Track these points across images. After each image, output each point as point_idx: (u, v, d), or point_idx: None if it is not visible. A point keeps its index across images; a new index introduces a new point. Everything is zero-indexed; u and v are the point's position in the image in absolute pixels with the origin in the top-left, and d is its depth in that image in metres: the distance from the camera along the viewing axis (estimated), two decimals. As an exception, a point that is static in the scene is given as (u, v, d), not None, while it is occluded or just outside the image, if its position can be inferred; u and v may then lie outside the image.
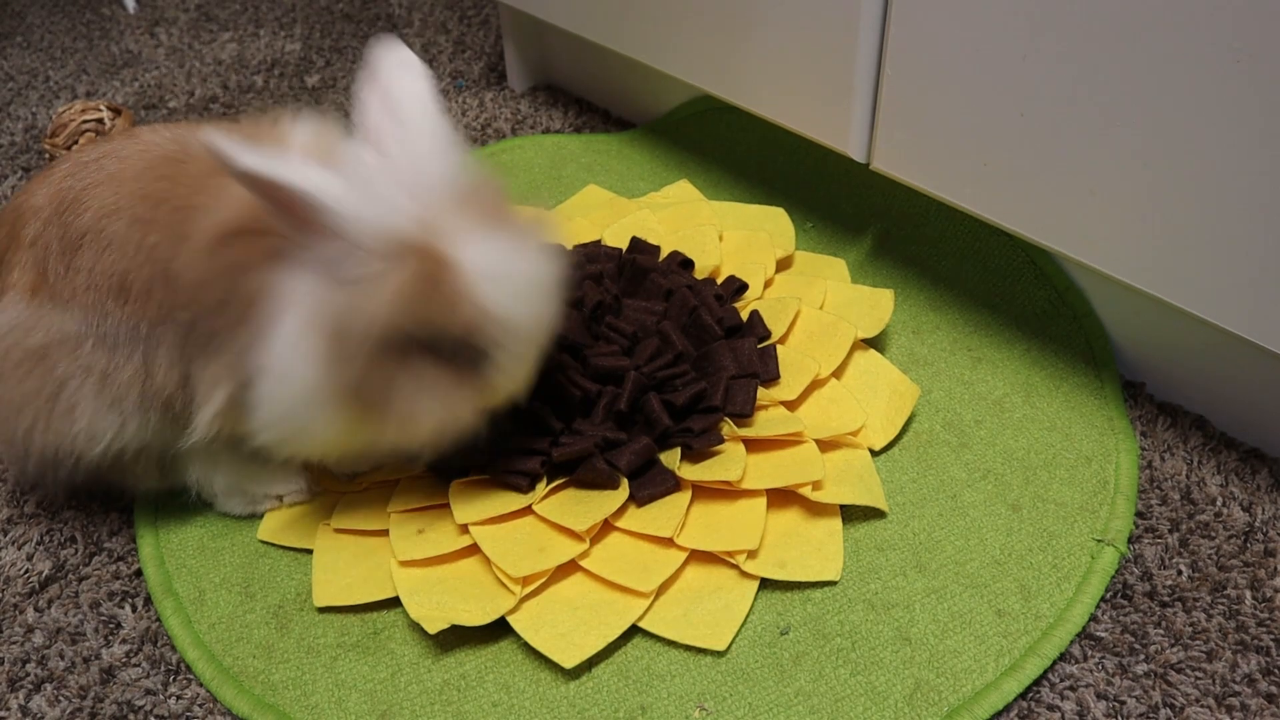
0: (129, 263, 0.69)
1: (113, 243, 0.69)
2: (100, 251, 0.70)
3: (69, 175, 0.73)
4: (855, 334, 0.92)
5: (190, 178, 0.69)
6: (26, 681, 0.73)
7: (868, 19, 0.88)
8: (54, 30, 1.80)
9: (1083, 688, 0.69)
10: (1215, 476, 0.83)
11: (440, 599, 0.74)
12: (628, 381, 0.82)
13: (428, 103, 0.68)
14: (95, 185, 0.70)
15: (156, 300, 0.69)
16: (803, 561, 0.76)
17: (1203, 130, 0.70)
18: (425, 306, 0.63)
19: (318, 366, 0.65)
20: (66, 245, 0.71)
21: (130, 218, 0.69)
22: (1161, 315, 0.90)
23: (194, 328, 0.69)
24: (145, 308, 0.70)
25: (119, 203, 0.69)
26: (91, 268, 0.70)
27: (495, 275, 0.64)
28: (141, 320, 0.70)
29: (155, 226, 0.68)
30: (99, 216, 0.70)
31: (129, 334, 0.71)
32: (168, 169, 0.70)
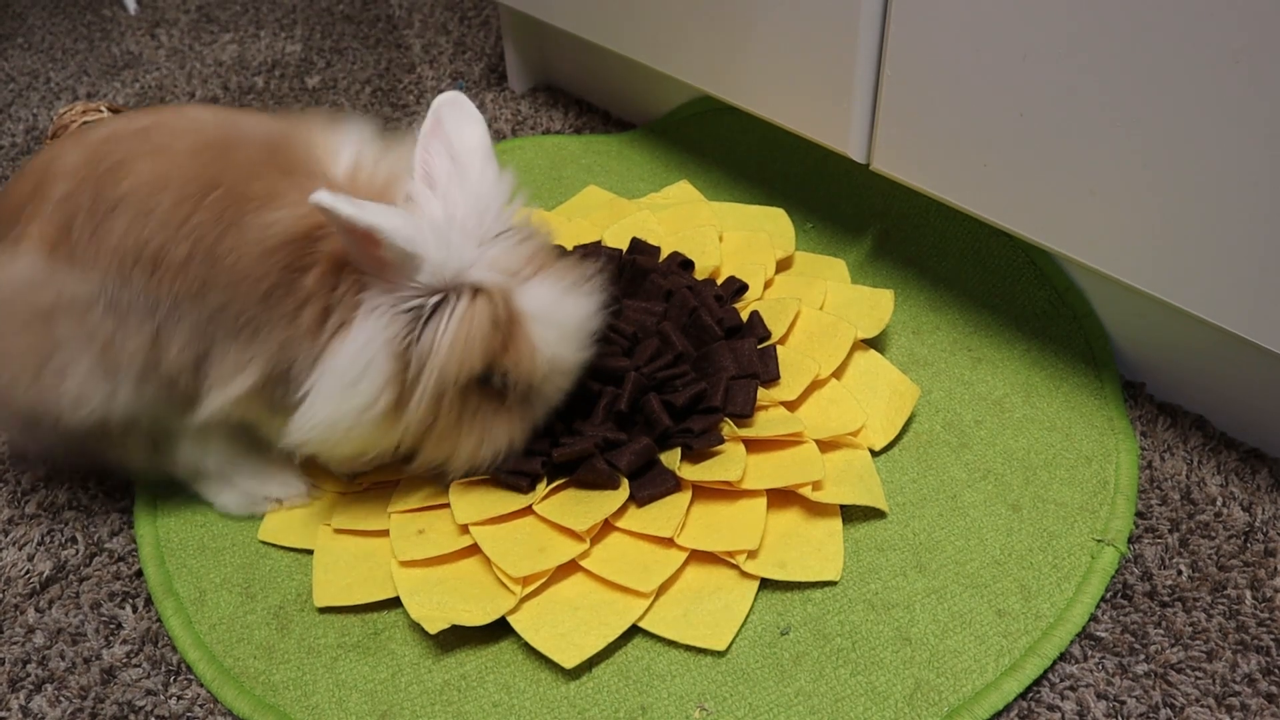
0: (167, 237, 0.69)
1: (153, 214, 0.69)
2: (136, 219, 0.69)
3: (109, 141, 0.72)
4: (855, 334, 0.92)
5: (241, 165, 0.70)
6: (27, 682, 0.73)
7: (867, 19, 0.88)
8: (55, 31, 1.80)
9: (1083, 688, 0.69)
10: (1215, 476, 0.83)
11: (440, 599, 0.74)
12: (628, 382, 0.82)
13: (487, 151, 0.74)
14: (141, 155, 0.70)
15: (190, 277, 0.70)
16: (803, 562, 0.76)
17: (1202, 131, 0.70)
18: (493, 350, 0.70)
19: (381, 387, 0.69)
20: (99, 208, 0.70)
21: (178, 194, 0.69)
22: (1162, 315, 0.90)
23: (225, 310, 0.70)
24: (175, 283, 0.70)
25: (168, 177, 0.69)
26: (123, 233, 0.70)
27: (551, 320, 0.72)
28: (166, 294, 0.71)
29: (204, 207, 0.69)
30: (141, 185, 0.69)
31: (147, 306, 0.71)
32: (219, 152, 0.71)
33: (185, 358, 0.72)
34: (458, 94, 0.76)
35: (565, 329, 0.73)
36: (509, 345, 0.71)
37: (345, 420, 0.70)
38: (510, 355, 0.71)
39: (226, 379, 0.72)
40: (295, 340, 0.70)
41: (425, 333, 0.69)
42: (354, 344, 0.69)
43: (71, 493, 0.88)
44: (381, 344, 0.69)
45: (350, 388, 0.69)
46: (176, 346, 0.72)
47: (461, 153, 0.73)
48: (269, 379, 0.72)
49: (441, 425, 0.73)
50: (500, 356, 0.71)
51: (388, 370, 0.69)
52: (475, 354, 0.69)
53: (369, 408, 0.70)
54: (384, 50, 1.65)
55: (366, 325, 0.69)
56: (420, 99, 1.49)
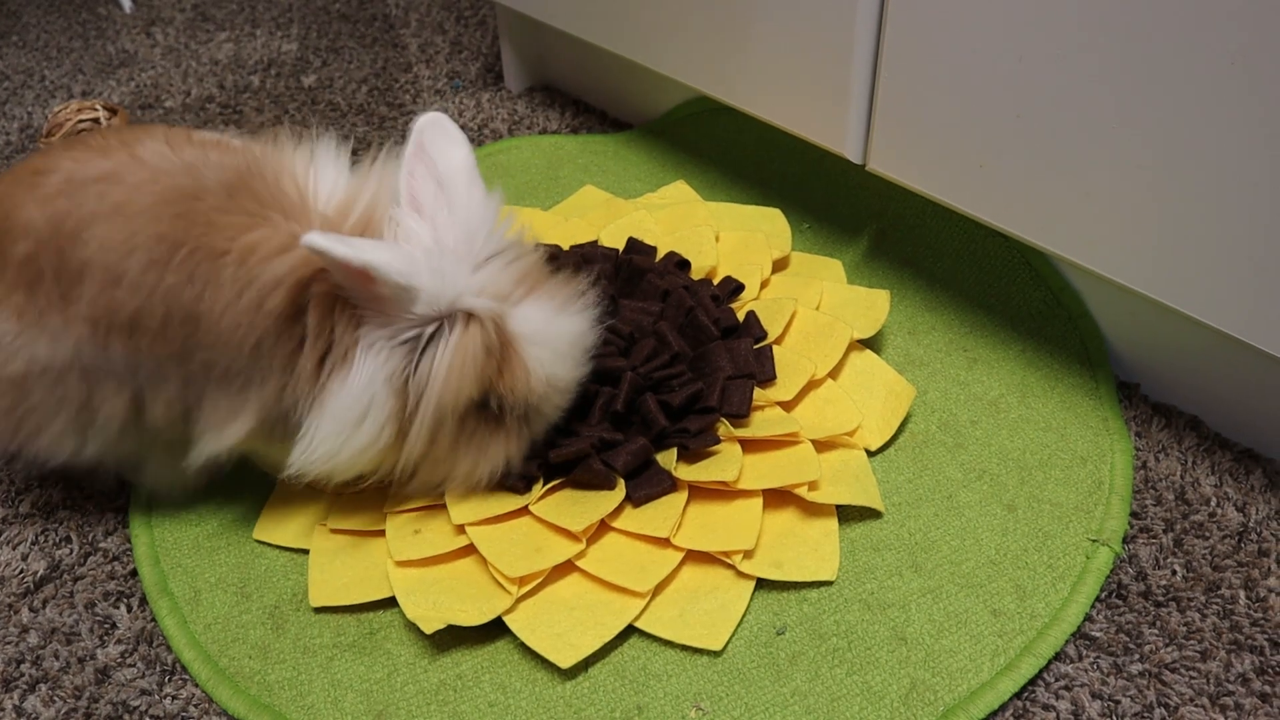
0: (141, 302, 0.68)
1: (122, 280, 0.67)
2: (107, 286, 0.68)
3: (65, 195, 0.69)
4: (851, 334, 0.92)
5: (207, 218, 0.68)
6: (21, 682, 0.73)
7: (864, 21, 0.88)
8: (50, 29, 1.79)
9: (1078, 687, 0.69)
10: (1210, 477, 0.84)
11: (436, 599, 0.74)
12: (624, 382, 0.82)
13: (472, 172, 0.73)
14: (99, 216, 0.68)
15: (170, 339, 0.69)
16: (799, 562, 0.76)
17: (1198, 132, 0.70)
18: (491, 375, 0.70)
19: (383, 423, 0.70)
20: (64, 274, 0.68)
21: (145, 258, 0.67)
22: (1157, 316, 0.90)
23: (213, 366, 0.70)
24: (155, 345, 0.69)
25: (131, 240, 0.67)
26: (94, 300, 0.68)
27: (544, 342, 0.72)
28: (147, 356, 0.70)
29: (173, 269, 0.67)
30: (105, 250, 0.67)
31: (127, 369, 0.71)
32: (182, 206, 0.68)
33: (173, 412, 0.73)
34: (438, 115, 0.75)
35: (559, 349, 0.74)
36: (503, 369, 0.71)
37: (347, 455, 0.70)
38: (505, 379, 0.71)
39: (221, 425, 0.72)
40: (294, 385, 0.70)
41: (422, 363, 0.69)
42: (355, 383, 0.69)
43: (66, 492, 0.87)
44: (382, 381, 0.69)
45: (354, 426, 0.69)
46: (162, 403, 0.72)
47: (447, 176, 0.72)
48: (267, 420, 0.72)
49: (439, 450, 0.73)
50: (495, 381, 0.71)
51: (389, 406, 0.70)
52: (470, 381, 0.69)
53: (372, 444, 0.71)
54: (380, 49, 1.65)
55: (366, 363, 0.69)
56: (417, 98, 1.49)
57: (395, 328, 0.69)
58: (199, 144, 0.73)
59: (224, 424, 0.71)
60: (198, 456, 0.73)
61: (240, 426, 0.71)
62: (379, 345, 0.69)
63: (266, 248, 0.67)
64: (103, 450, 0.75)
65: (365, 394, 0.69)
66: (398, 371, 0.69)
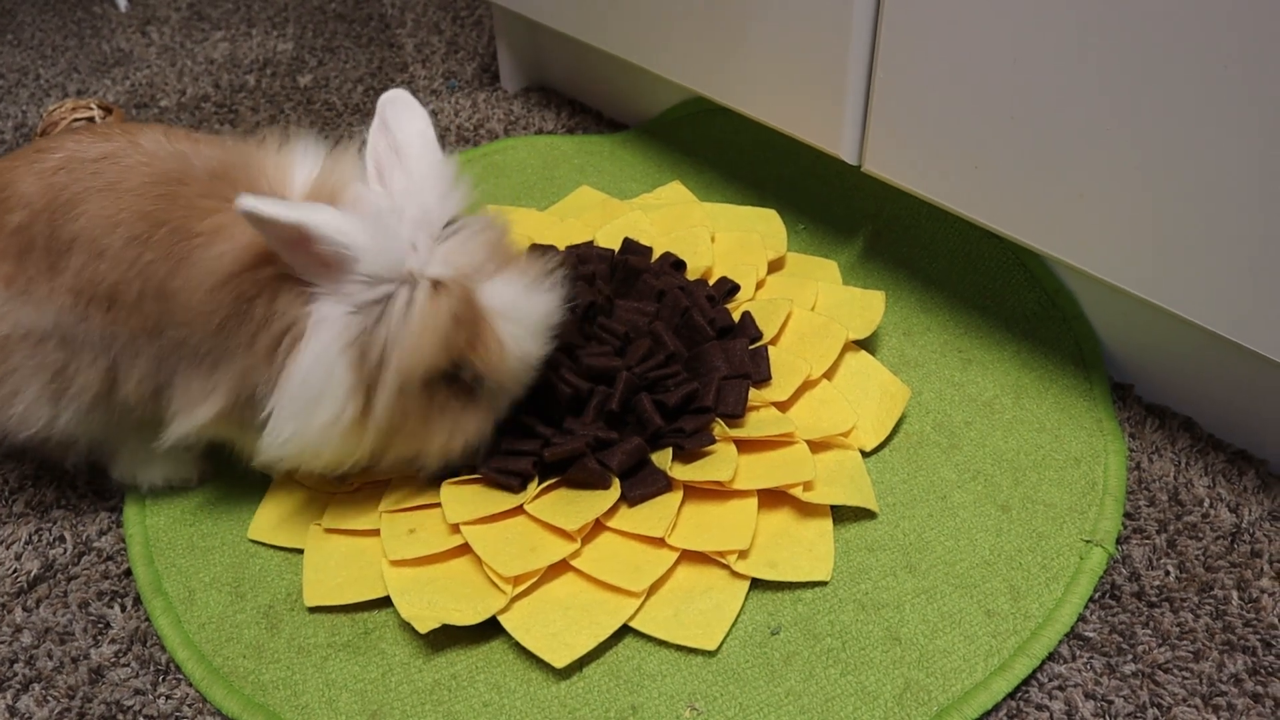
0: (120, 275, 0.70)
1: (105, 253, 0.70)
2: (91, 259, 0.70)
3: (64, 170, 0.72)
4: (846, 335, 0.92)
5: (188, 200, 0.70)
6: (14, 681, 0.72)
7: (860, 22, 0.88)
8: (45, 28, 1.79)
9: (1071, 687, 0.69)
10: (1203, 478, 0.84)
11: (431, 598, 0.74)
12: (619, 381, 0.82)
13: (427, 139, 0.74)
14: (92, 191, 0.70)
15: (145, 314, 0.71)
16: (794, 562, 0.76)
17: (1192, 134, 0.71)
18: (458, 346, 0.70)
19: (344, 398, 0.69)
20: (54, 245, 0.71)
21: (128, 234, 0.70)
22: (1150, 318, 0.90)
23: (184, 344, 0.71)
24: (130, 319, 0.71)
25: (117, 216, 0.70)
26: (79, 271, 0.71)
27: (519, 319, 0.72)
28: (123, 330, 0.72)
29: (152, 246, 0.69)
30: (94, 224, 0.70)
31: (103, 341, 0.72)
32: (167, 188, 0.70)
33: (145, 389, 0.74)
34: (400, 91, 0.76)
35: (532, 325, 0.73)
36: (475, 342, 0.70)
37: (312, 435, 0.70)
38: (479, 351, 0.71)
39: (192, 406, 0.73)
40: (255, 367, 0.70)
41: (379, 329, 0.68)
42: (309, 358, 0.68)
43: (60, 491, 0.87)
44: (337, 353, 0.69)
45: (313, 404, 0.69)
46: (135, 379, 0.73)
47: (402, 144, 0.73)
48: (236, 403, 0.72)
49: (411, 423, 0.73)
50: (467, 353, 0.71)
51: (348, 380, 0.69)
52: (438, 347, 0.69)
53: (335, 420, 0.70)
54: (376, 49, 1.65)
55: (319, 336, 0.68)
56: (412, 98, 1.48)
57: (346, 296, 0.68)
58: (194, 139, 0.75)
59: (195, 404, 0.72)
60: (169, 437, 0.74)
61: (209, 409, 0.72)
62: (331, 319, 0.68)
63: (232, 231, 0.69)
64: (75, 423, 0.76)
65: (320, 368, 0.68)
66: (354, 342, 0.69)
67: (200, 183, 0.71)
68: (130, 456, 0.83)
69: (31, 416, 0.75)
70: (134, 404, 0.75)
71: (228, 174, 0.71)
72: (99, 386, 0.74)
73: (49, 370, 0.73)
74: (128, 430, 0.79)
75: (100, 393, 0.74)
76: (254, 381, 0.71)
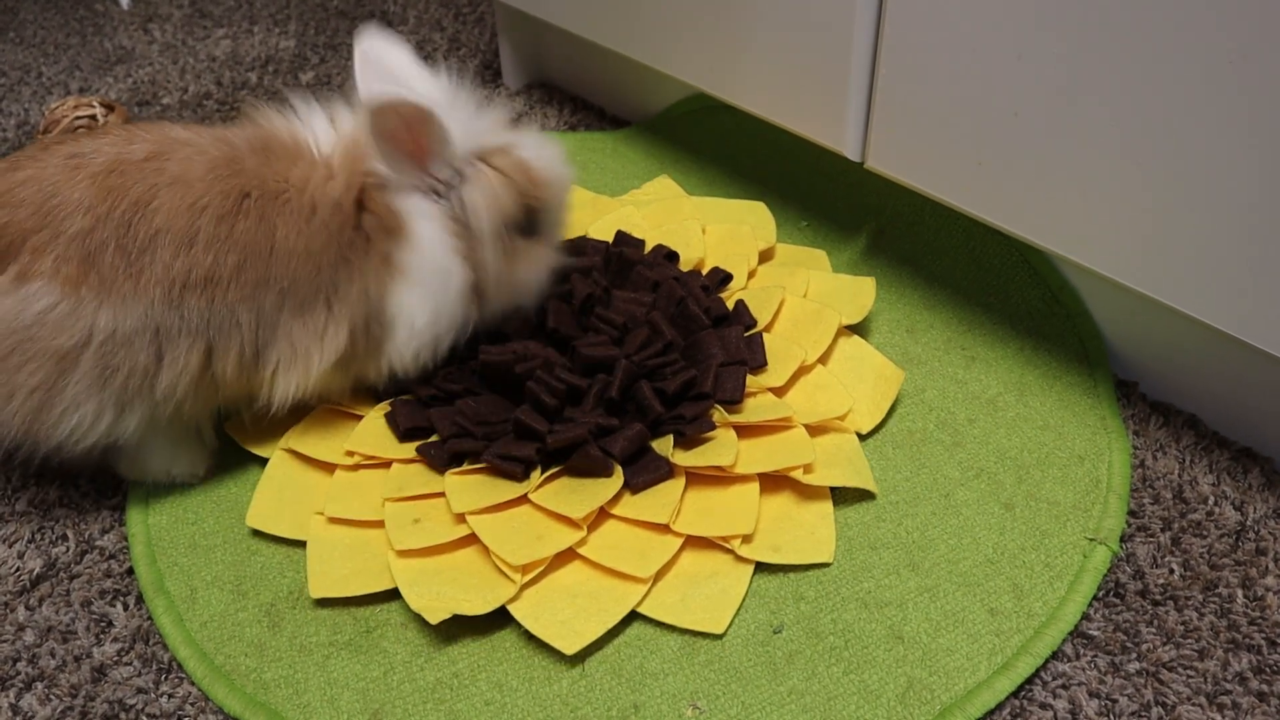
0: (216, 254, 0.74)
1: (197, 238, 0.74)
2: (181, 248, 0.73)
3: (117, 173, 0.73)
4: (840, 320, 0.93)
5: (256, 171, 0.77)
6: (17, 680, 0.73)
7: (863, 18, 0.88)
8: (47, 26, 1.79)
9: (1075, 686, 0.69)
10: (1207, 475, 0.84)
11: (440, 589, 0.73)
12: (618, 370, 0.82)
13: (420, 67, 0.84)
14: (160, 187, 0.74)
15: (244, 282, 0.75)
16: (796, 545, 0.77)
17: (1196, 131, 0.70)
18: (522, 189, 0.82)
19: (460, 263, 0.81)
20: (132, 243, 0.73)
21: (215, 213, 0.74)
22: (1155, 315, 0.90)
23: (289, 295, 0.77)
24: (229, 293, 0.75)
25: (198, 202, 0.74)
26: (168, 263, 0.73)
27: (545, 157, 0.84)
28: (220, 306, 0.75)
29: (243, 215, 0.75)
30: (176, 215, 0.73)
31: (200, 323, 0.75)
32: (230, 167, 0.76)
33: (247, 357, 0.78)
34: (371, 30, 0.84)
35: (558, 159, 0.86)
36: (532, 183, 0.82)
37: (446, 314, 0.82)
38: (538, 189, 0.83)
39: (308, 354, 0.79)
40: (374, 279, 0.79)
41: (468, 199, 0.80)
42: (426, 244, 0.79)
43: (62, 490, 0.87)
44: (443, 231, 0.80)
45: (444, 279, 0.80)
46: (234, 351, 0.77)
47: (399, 71, 0.83)
48: (354, 332, 0.79)
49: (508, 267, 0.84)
50: (529, 194, 0.83)
51: (458, 249, 0.81)
52: (513, 196, 0.82)
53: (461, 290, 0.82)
54: (378, 46, 1.64)
55: (425, 226, 0.79)
56: (414, 95, 1.48)
57: (432, 183, 0.80)
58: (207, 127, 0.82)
59: (310, 351, 0.79)
60: (282, 398, 0.79)
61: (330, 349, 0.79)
62: (428, 208, 0.80)
63: (316, 178, 0.78)
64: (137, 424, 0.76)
65: (440, 251, 0.80)
66: (450, 215, 0.80)
67: (253, 156, 0.77)
68: (139, 452, 0.83)
69: (93, 425, 0.75)
70: (230, 379, 0.78)
71: (269, 144, 0.79)
72: (196, 370, 0.76)
73: (127, 372, 0.73)
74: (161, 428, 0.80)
75: (195, 377, 0.76)
76: (375, 295, 0.79)
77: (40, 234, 0.72)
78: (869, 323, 0.99)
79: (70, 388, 0.73)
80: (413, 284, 0.80)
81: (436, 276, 0.80)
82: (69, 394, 0.73)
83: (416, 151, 0.78)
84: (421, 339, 0.82)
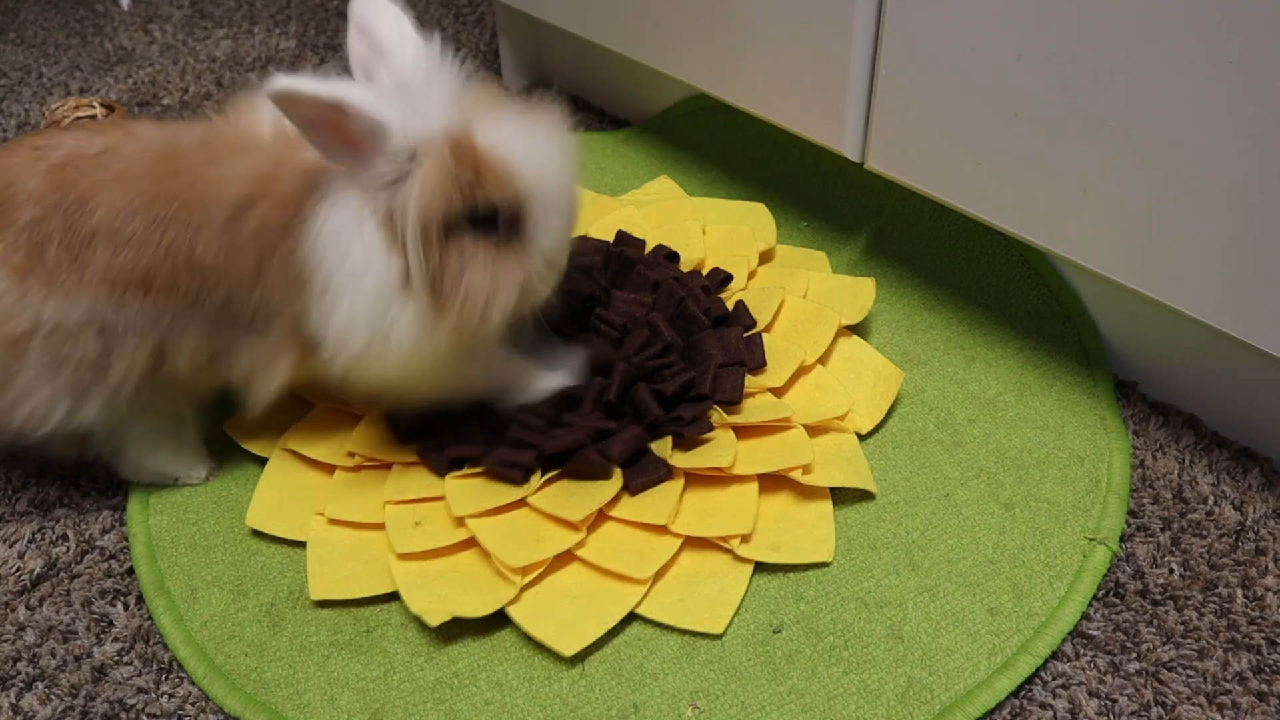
0: (150, 259, 0.72)
1: (130, 241, 0.72)
2: (118, 249, 0.72)
3: (69, 166, 0.73)
4: (839, 321, 0.93)
5: (191, 171, 0.72)
6: (18, 680, 0.73)
7: (862, 19, 0.88)
8: (47, 26, 1.79)
9: (1075, 686, 0.69)
10: (1207, 475, 0.84)
11: (440, 592, 0.74)
12: (616, 372, 0.82)
13: (408, 28, 0.75)
14: (102, 184, 0.72)
15: (184, 290, 0.73)
16: (796, 545, 0.77)
17: (1196, 131, 0.70)
18: (465, 181, 0.69)
19: (382, 258, 0.69)
20: (75, 237, 0.72)
21: (147, 217, 0.72)
22: (1154, 315, 0.90)
23: (229, 305, 0.73)
24: (170, 298, 0.73)
25: (132, 204, 0.72)
26: (108, 261, 0.72)
27: (523, 143, 0.71)
28: (166, 307, 0.73)
29: (171, 223, 0.71)
30: (112, 214, 0.72)
31: (149, 323, 0.73)
32: (168, 165, 0.73)
33: (199, 359, 0.75)
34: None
35: (538, 148, 0.72)
36: (482, 174, 0.69)
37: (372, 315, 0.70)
38: (488, 182, 0.69)
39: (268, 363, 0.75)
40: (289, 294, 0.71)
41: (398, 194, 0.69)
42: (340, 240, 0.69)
43: (63, 489, 0.87)
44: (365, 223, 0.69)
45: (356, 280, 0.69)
46: (188, 351, 0.75)
47: (382, 38, 0.74)
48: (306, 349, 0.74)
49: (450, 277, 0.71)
50: (475, 187, 0.69)
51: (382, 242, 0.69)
52: (446, 186, 0.68)
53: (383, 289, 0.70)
54: (378, 47, 1.64)
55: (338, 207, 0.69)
56: (414, 96, 1.48)
57: (371, 173, 0.69)
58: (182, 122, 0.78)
59: (270, 361, 0.75)
60: (259, 397, 0.76)
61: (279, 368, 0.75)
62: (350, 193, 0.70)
63: (231, 175, 0.71)
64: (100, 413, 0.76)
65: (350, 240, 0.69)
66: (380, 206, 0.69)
67: (194, 152, 0.73)
68: (142, 453, 0.83)
69: (49, 412, 0.75)
70: (186, 376, 0.76)
71: (217, 136, 0.74)
72: (145, 367, 0.75)
73: (79, 363, 0.73)
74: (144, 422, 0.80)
75: (146, 373, 0.75)
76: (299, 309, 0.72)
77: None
78: (869, 323, 0.99)
79: (22, 374, 0.73)
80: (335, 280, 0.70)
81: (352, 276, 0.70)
82: (21, 380, 0.73)
83: (348, 144, 0.68)
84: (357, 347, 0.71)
